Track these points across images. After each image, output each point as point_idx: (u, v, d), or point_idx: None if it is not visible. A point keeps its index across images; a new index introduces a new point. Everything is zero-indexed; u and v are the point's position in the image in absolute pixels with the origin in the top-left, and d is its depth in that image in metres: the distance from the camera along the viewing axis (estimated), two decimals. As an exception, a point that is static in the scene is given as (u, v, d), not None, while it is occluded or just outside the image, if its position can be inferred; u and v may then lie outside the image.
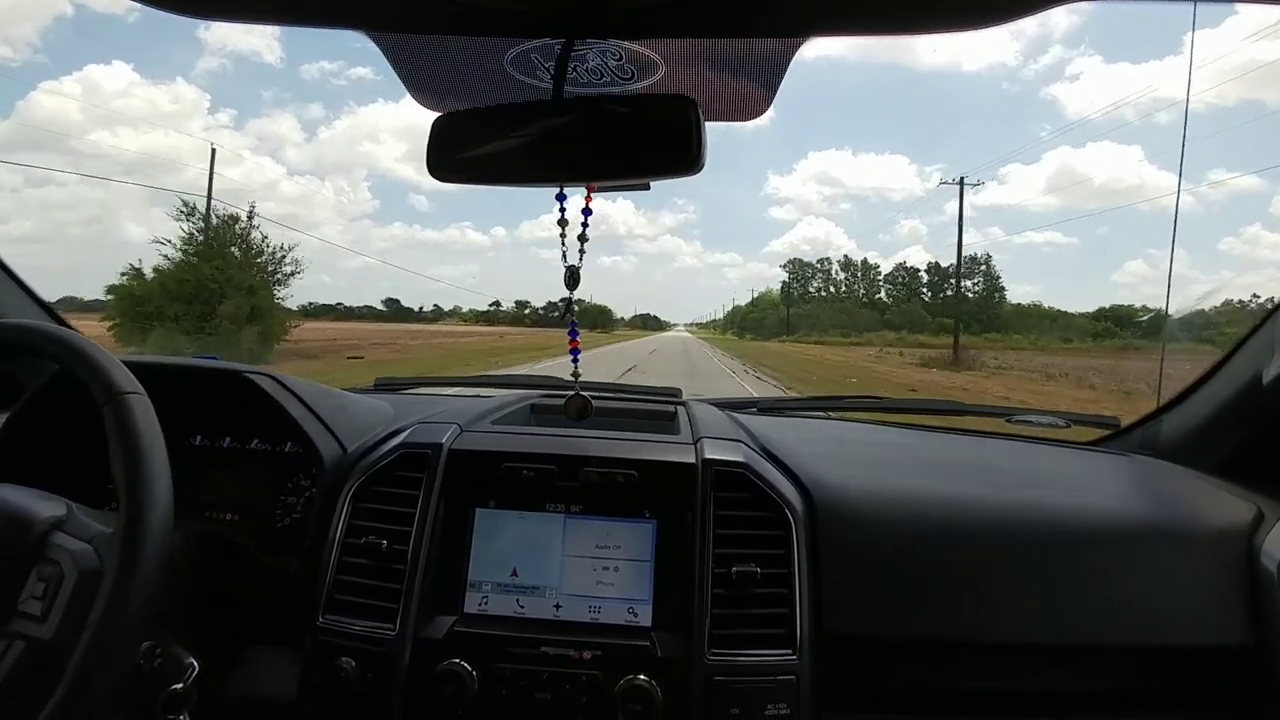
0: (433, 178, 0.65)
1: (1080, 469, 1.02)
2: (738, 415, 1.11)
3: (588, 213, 0.73)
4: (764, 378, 15.07)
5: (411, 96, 0.72)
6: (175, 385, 0.80)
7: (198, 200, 16.58)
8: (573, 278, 0.75)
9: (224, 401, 0.90)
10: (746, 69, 0.66)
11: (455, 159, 0.66)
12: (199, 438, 0.91)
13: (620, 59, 0.65)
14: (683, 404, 1.16)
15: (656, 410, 1.14)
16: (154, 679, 0.66)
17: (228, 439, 0.91)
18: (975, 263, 75.39)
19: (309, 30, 0.61)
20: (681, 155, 0.59)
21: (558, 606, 0.76)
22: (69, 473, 0.82)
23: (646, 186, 0.70)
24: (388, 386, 1.30)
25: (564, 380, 0.87)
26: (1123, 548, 0.79)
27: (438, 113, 0.67)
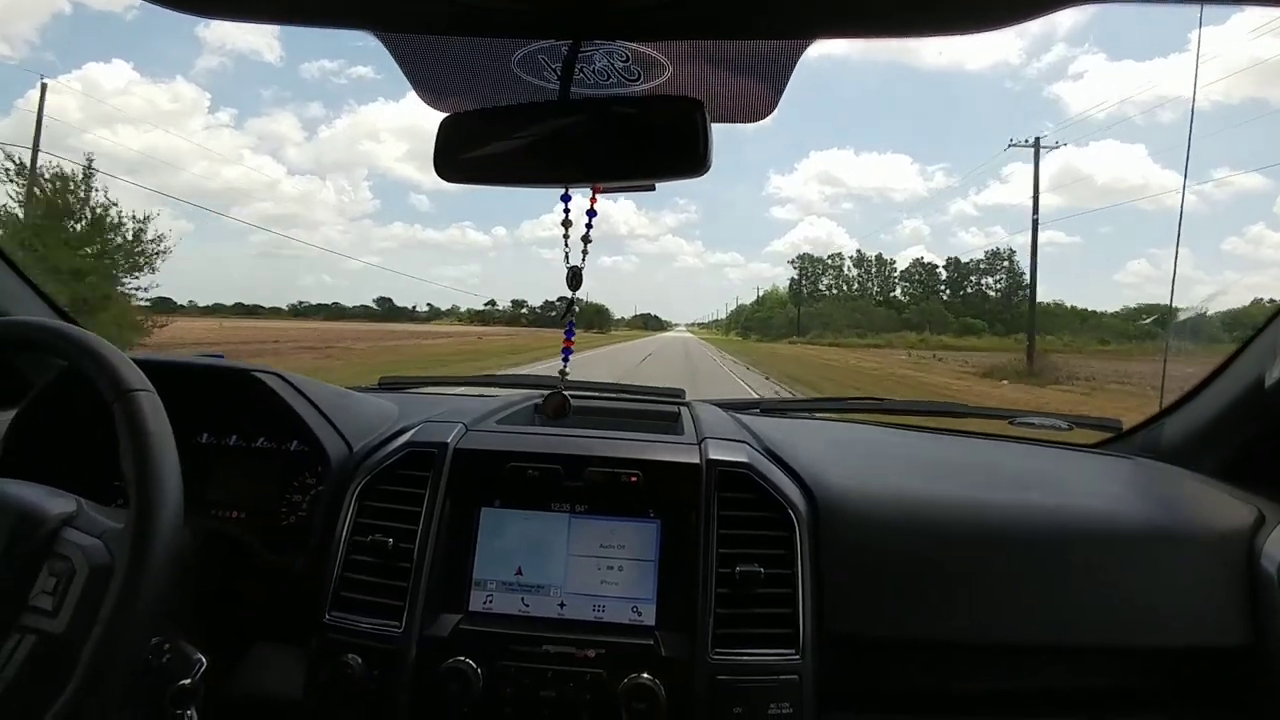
0: (440, 178, 0.66)
1: (1082, 471, 1.02)
2: (741, 416, 1.11)
3: (592, 214, 0.73)
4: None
5: (418, 96, 0.73)
6: (183, 383, 0.80)
7: (24, 154, 11.75)
8: (575, 278, 0.75)
9: (231, 400, 0.90)
10: (753, 70, 0.66)
11: (462, 159, 0.66)
12: (206, 436, 0.91)
13: (627, 60, 0.66)
14: (686, 405, 1.16)
15: (660, 411, 1.15)
16: (162, 674, 0.67)
17: (234, 437, 0.91)
18: (997, 258, 71.65)
19: (312, 29, 0.61)
20: (688, 156, 0.60)
21: (562, 605, 0.76)
22: (76, 469, 0.82)
23: (651, 188, 0.70)
24: (393, 385, 1.31)
25: (557, 379, 0.87)
26: (1123, 549, 0.80)
27: (444, 113, 0.67)
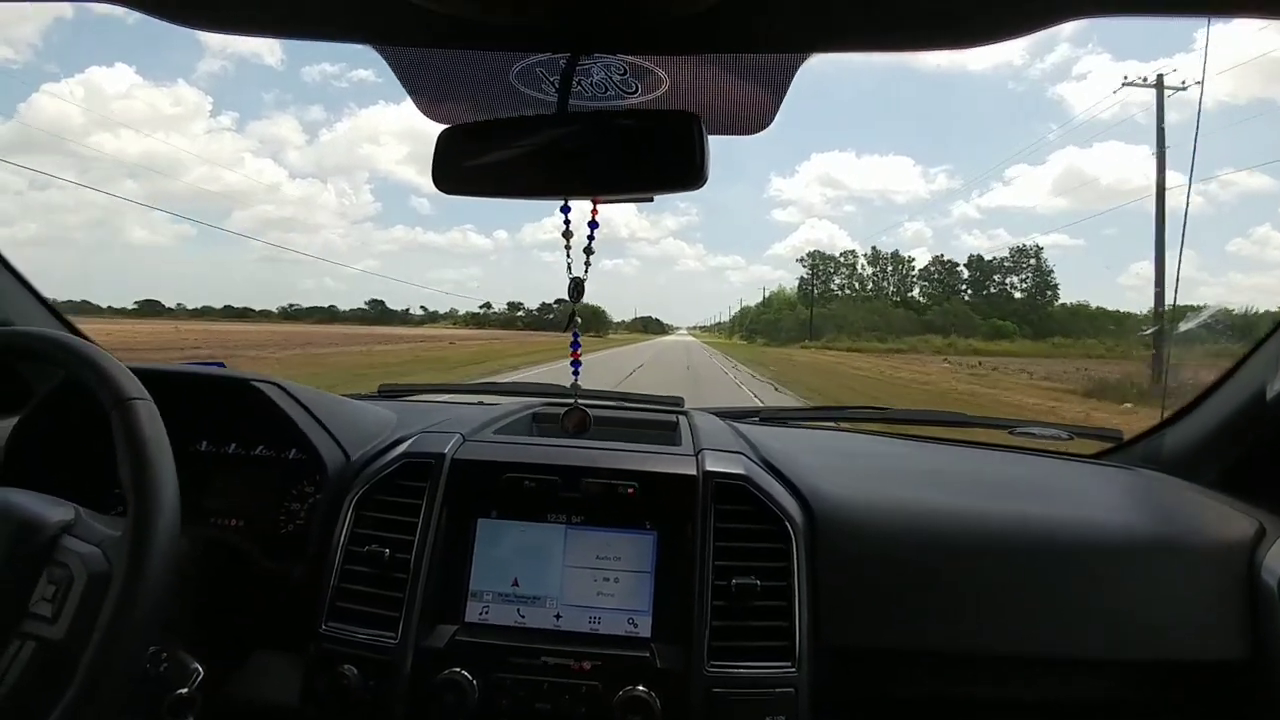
0: (438, 190, 0.66)
1: (1082, 481, 1.02)
2: (740, 425, 1.11)
3: (594, 225, 0.74)
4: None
5: (417, 107, 0.73)
6: (182, 392, 0.81)
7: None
8: (577, 290, 0.75)
9: (230, 408, 0.90)
10: (750, 83, 0.66)
11: (461, 171, 0.66)
12: (205, 444, 0.91)
13: (624, 73, 0.66)
14: (684, 413, 1.16)
15: (658, 420, 1.14)
16: (160, 683, 0.67)
17: (233, 446, 0.91)
18: (1023, 255, 65.46)
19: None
20: (685, 170, 0.60)
21: (558, 617, 0.76)
22: (77, 478, 0.82)
23: (650, 199, 0.71)
24: (392, 393, 1.31)
25: (566, 389, 0.88)
26: (1123, 561, 0.79)
27: (443, 124, 0.67)
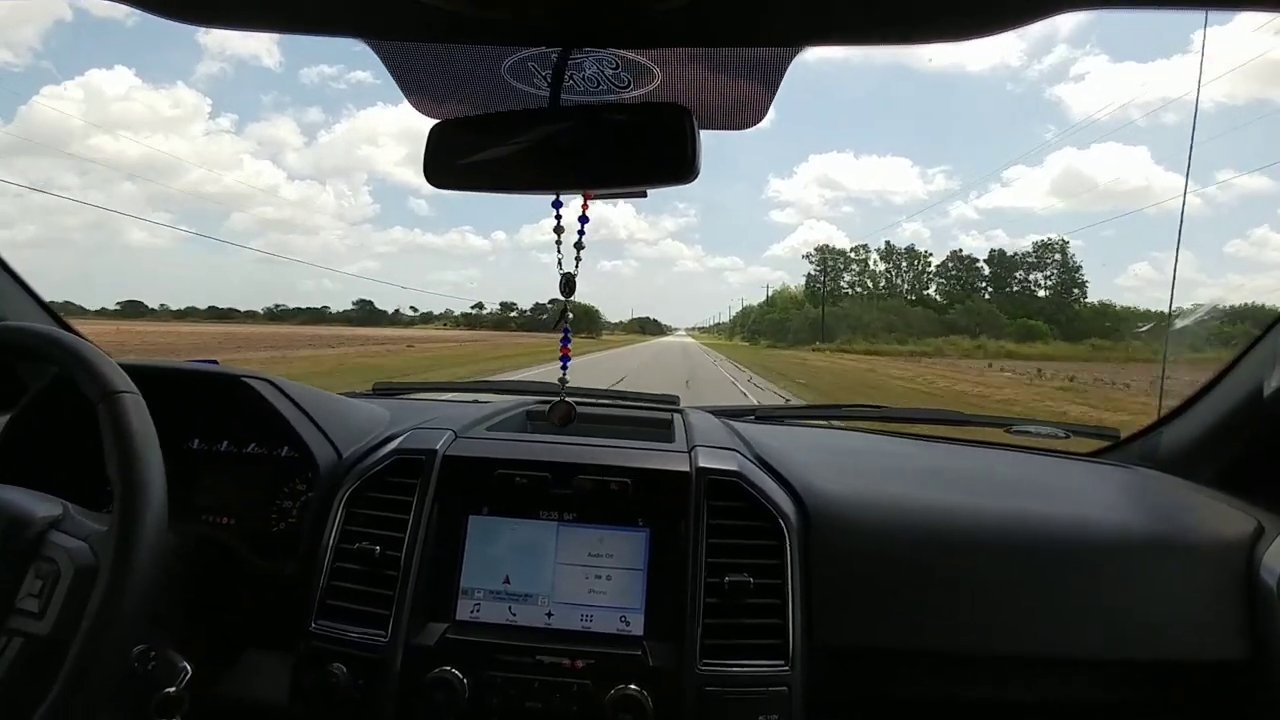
0: (430, 184, 0.66)
1: (1079, 480, 1.02)
2: (734, 423, 1.11)
3: (584, 220, 0.74)
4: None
5: (410, 102, 0.73)
6: (172, 389, 0.80)
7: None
8: (568, 285, 0.75)
9: (221, 405, 0.90)
10: (743, 76, 0.66)
11: (452, 166, 0.66)
12: (196, 441, 0.91)
13: (616, 67, 0.66)
14: (679, 411, 1.16)
15: (653, 418, 1.14)
16: (147, 682, 0.67)
17: (224, 443, 0.91)
18: (1047, 250, 59.74)
19: (306, 36, 0.61)
20: (676, 164, 0.59)
21: (550, 615, 0.76)
22: (68, 475, 0.82)
23: (643, 194, 0.70)
24: (386, 391, 1.31)
25: (559, 386, 0.88)
26: (1121, 559, 0.79)
27: (435, 119, 0.67)
